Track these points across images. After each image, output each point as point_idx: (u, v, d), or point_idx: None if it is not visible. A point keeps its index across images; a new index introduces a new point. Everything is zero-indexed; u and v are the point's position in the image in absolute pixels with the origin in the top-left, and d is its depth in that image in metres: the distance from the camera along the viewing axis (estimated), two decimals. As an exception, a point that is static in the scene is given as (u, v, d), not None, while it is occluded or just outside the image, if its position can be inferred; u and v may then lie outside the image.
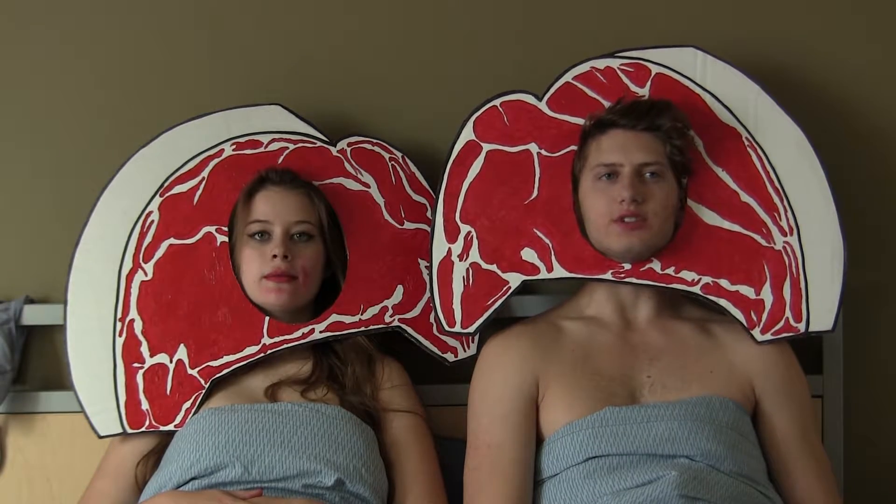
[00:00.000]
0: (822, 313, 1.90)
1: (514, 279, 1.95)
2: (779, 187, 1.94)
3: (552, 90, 2.02)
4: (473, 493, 1.80)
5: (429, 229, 2.02)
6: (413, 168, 2.08)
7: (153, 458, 1.89)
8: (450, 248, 1.98)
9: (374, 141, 2.08)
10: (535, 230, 1.96)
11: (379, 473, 1.82)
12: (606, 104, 1.96)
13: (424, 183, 2.07)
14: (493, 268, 1.96)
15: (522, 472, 1.79)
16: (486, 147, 2.01)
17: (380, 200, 2.05)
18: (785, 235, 1.92)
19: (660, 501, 1.63)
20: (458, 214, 1.99)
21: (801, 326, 1.90)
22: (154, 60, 2.17)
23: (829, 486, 1.80)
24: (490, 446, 1.79)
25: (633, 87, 2.00)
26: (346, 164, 2.05)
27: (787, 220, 1.92)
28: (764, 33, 2.16)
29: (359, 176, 2.05)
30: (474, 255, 1.97)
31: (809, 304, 1.90)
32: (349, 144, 2.07)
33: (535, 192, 1.98)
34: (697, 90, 2.00)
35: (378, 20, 2.17)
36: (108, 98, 2.16)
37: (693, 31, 2.11)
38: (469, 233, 1.98)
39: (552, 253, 1.94)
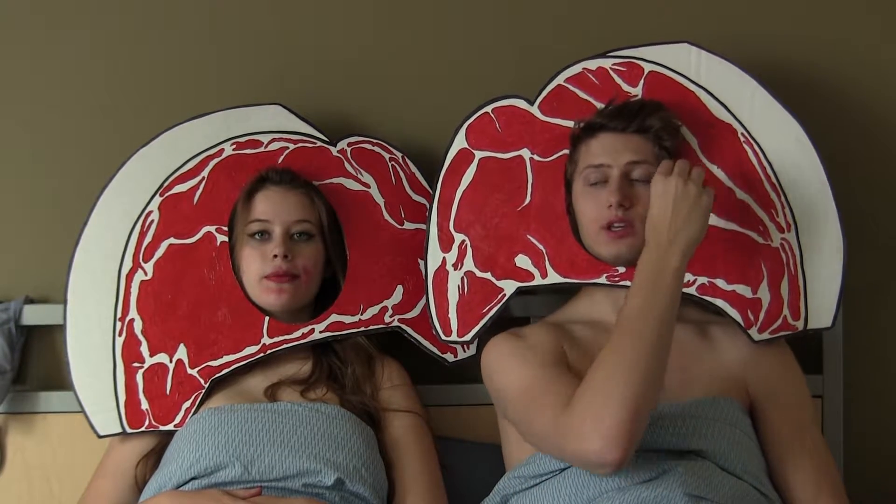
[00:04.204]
0: (822, 310, 1.90)
1: (509, 286, 1.95)
2: (776, 183, 1.93)
3: (544, 94, 2.01)
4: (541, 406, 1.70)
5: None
6: (413, 168, 2.08)
7: (153, 458, 1.89)
8: (444, 258, 1.98)
9: (375, 141, 2.08)
10: (528, 236, 1.95)
11: (379, 473, 1.82)
12: (599, 106, 1.95)
13: (424, 183, 2.07)
14: (488, 275, 1.96)
15: None
16: (479, 154, 2.00)
17: (380, 200, 2.05)
18: (782, 232, 1.91)
19: (665, 499, 1.63)
20: (451, 223, 1.99)
21: (800, 324, 1.89)
22: (154, 60, 2.17)
23: (824, 484, 1.78)
24: (550, 375, 1.70)
25: (625, 87, 1.99)
26: (347, 164, 2.05)
27: (785, 216, 1.92)
28: (760, 27, 2.16)
29: (359, 176, 2.05)
30: (469, 263, 1.97)
31: (808, 301, 1.89)
32: (349, 144, 2.07)
33: (528, 198, 1.97)
34: (692, 87, 1.98)
35: (379, 20, 2.18)
36: (109, 98, 2.17)
37: (687, 27, 2.11)
38: (463, 241, 1.98)
39: (546, 258, 1.93)
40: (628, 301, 1.63)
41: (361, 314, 1.98)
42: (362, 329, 1.98)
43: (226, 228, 1.98)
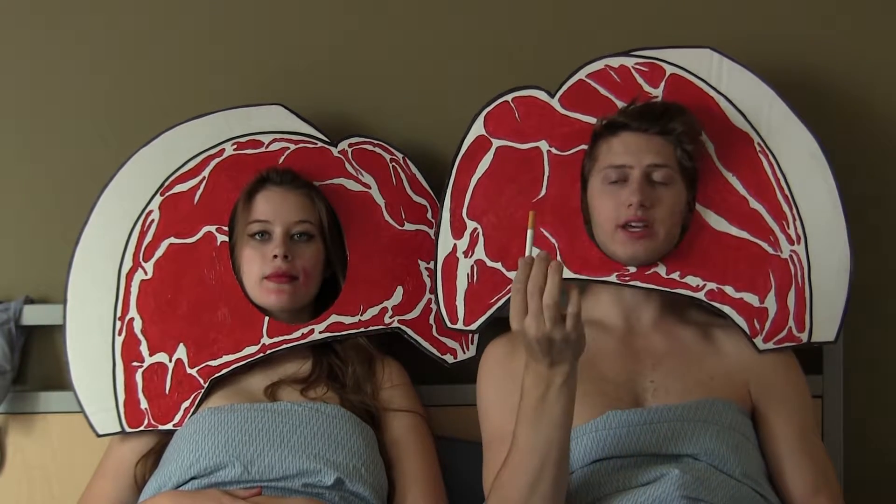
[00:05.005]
0: (826, 324, 1.90)
1: (519, 278, 1.96)
2: (788, 195, 1.93)
3: (565, 87, 2.01)
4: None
5: (429, 231, 2.03)
6: (414, 169, 2.08)
7: (152, 458, 1.89)
8: (455, 245, 1.98)
9: (375, 142, 2.08)
10: (541, 229, 1.95)
11: (379, 473, 1.82)
12: (619, 103, 1.96)
13: (425, 184, 2.07)
14: (499, 266, 1.97)
15: None
16: (496, 143, 2.00)
17: (380, 201, 2.05)
18: (792, 244, 1.91)
19: (662, 502, 1.63)
20: (465, 210, 1.99)
21: (804, 336, 1.90)
22: (154, 60, 2.17)
23: (822, 487, 1.78)
24: (504, 438, 1.73)
25: (646, 88, 1.99)
26: (347, 165, 2.05)
27: (796, 228, 1.92)
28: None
29: (359, 177, 2.05)
30: (480, 252, 1.97)
31: (813, 314, 1.90)
32: (350, 145, 2.07)
33: (544, 191, 1.97)
34: (711, 93, 1.99)
35: (380, 20, 2.17)
36: (109, 98, 2.16)
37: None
38: (475, 229, 1.98)
39: (558, 253, 1.93)
40: (517, 426, 1.60)
41: (361, 315, 1.98)
42: (362, 330, 1.98)
43: (226, 228, 1.98)
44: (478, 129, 2.01)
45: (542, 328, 1.51)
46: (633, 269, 1.87)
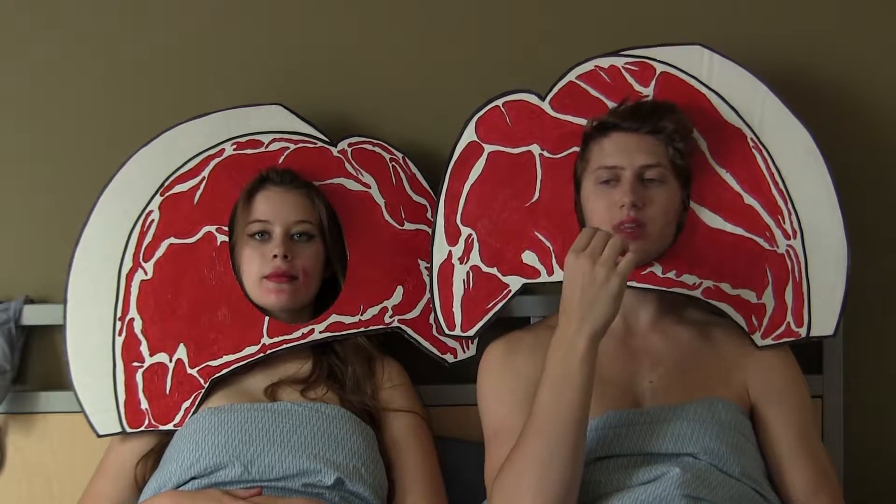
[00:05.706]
0: (824, 318, 1.90)
1: (515, 282, 1.95)
2: (783, 189, 1.92)
3: (555, 90, 2.01)
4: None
5: (429, 230, 2.02)
6: (413, 169, 2.08)
7: (152, 458, 1.89)
8: (450, 251, 1.98)
9: (375, 141, 2.08)
10: (536, 233, 1.95)
11: (378, 473, 1.82)
12: (610, 104, 1.95)
13: (425, 184, 2.07)
14: (494, 271, 1.96)
15: None
16: (488, 148, 2.00)
17: (380, 201, 2.05)
18: (788, 239, 1.91)
19: (663, 500, 1.63)
20: (459, 216, 1.99)
21: (802, 331, 1.89)
22: (154, 60, 2.17)
23: (823, 486, 1.78)
24: (513, 429, 1.73)
25: (637, 87, 1.99)
26: (347, 165, 2.05)
27: (791, 223, 1.91)
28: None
29: (359, 176, 2.05)
30: (475, 258, 1.97)
31: (811, 308, 1.90)
32: (350, 145, 2.07)
33: (537, 195, 1.97)
34: (703, 90, 1.98)
35: (379, 20, 2.17)
36: (109, 98, 2.16)
37: (700, 28, 2.10)
38: (470, 235, 1.98)
39: (553, 256, 1.94)
40: (539, 390, 1.63)
41: (361, 315, 1.98)
42: (362, 329, 1.98)
43: (226, 228, 1.98)
44: (469, 134, 2.01)
45: (596, 258, 1.61)
46: None
